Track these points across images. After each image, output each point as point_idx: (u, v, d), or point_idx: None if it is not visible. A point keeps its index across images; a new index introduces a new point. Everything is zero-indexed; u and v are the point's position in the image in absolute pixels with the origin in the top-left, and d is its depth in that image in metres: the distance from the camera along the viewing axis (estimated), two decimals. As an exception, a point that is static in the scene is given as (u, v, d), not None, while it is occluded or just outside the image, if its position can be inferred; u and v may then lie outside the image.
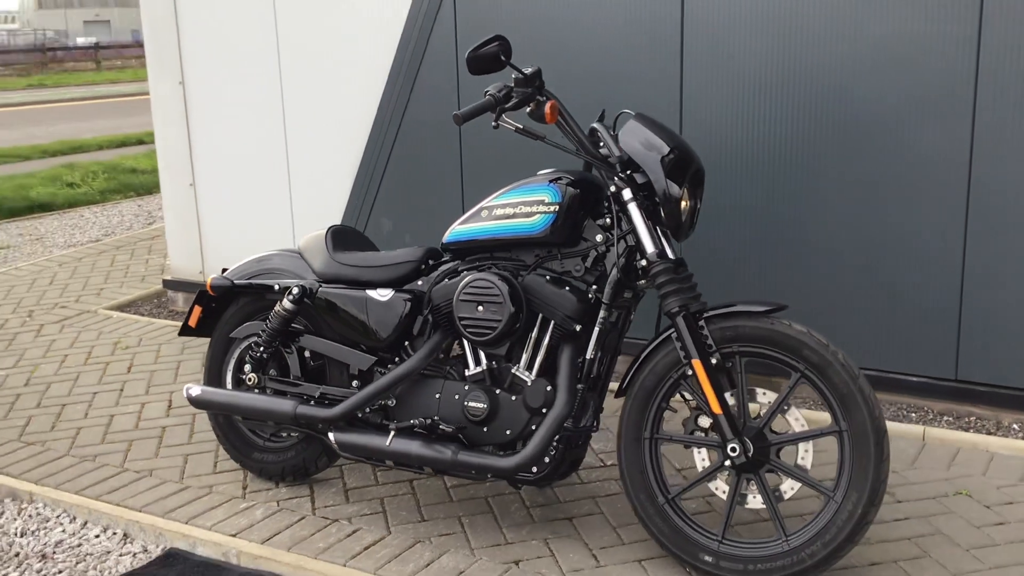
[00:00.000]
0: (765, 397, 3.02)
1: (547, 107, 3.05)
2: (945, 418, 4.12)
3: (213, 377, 3.85)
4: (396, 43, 5.04)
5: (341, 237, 3.66)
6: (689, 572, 3.06)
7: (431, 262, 3.47)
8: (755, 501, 3.03)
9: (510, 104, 3.05)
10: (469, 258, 3.38)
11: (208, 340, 3.90)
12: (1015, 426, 3.99)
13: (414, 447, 3.26)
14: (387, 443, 3.27)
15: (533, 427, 3.17)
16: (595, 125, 3.16)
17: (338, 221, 5.42)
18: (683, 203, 3.05)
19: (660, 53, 4.40)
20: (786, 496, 2.99)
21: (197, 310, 3.83)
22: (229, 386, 3.80)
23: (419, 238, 5.16)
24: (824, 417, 3.89)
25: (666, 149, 3.04)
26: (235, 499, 3.69)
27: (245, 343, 3.76)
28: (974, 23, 3.81)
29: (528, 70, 3.06)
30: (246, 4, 5.53)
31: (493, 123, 3.05)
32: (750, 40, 4.21)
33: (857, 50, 4.02)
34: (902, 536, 3.23)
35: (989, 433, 3.96)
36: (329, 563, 3.21)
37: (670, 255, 3.12)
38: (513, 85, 3.06)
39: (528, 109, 3.08)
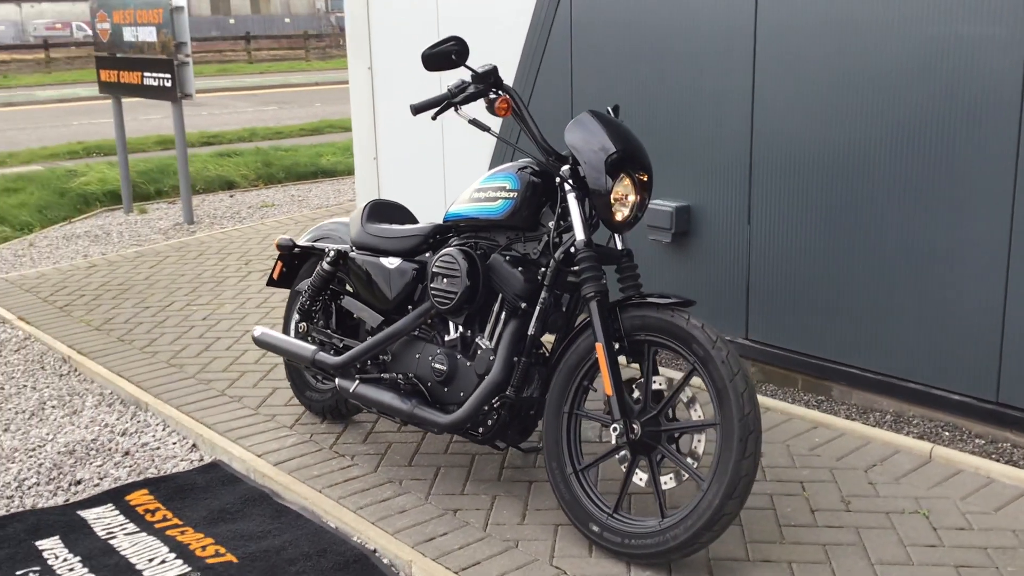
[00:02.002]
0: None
1: (498, 102, 3.35)
2: (978, 440, 3.91)
3: (285, 323, 4.49)
4: (522, 43, 5.42)
5: (378, 210, 4.15)
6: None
7: (438, 236, 3.87)
8: (669, 481, 3.17)
9: (460, 98, 3.39)
10: (463, 235, 3.74)
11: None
12: (1045, 458, 3.73)
13: (386, 397, 3.69)
14: (352, 389, 3.74)
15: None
16: None
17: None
18: (617, 197, 3.23)
19: (735, 55, 4.47)
20: (684, 478, 3.13)
21: (279, 265, 4.48)
22: (292, 333, 4.42)
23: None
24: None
25: (605, 144, 3.23)
26: (282, 428, 4.31)
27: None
28: (1021, 26, 3.59)
29: (482, 68, 3.37)
30: (417, 2, 6.14)
31: (432, 117, 3.40)
32: (814, 43, 4.18)
33: (909, 51, 3.89)
34: (818, 541, 3.22)
35: (1008, 462, 3.73)
36: (309, 488, 3.74)
37: (619, 245, 3.35)
38: (470, 81, 3.39)
39: (486, 104, 3.40)
